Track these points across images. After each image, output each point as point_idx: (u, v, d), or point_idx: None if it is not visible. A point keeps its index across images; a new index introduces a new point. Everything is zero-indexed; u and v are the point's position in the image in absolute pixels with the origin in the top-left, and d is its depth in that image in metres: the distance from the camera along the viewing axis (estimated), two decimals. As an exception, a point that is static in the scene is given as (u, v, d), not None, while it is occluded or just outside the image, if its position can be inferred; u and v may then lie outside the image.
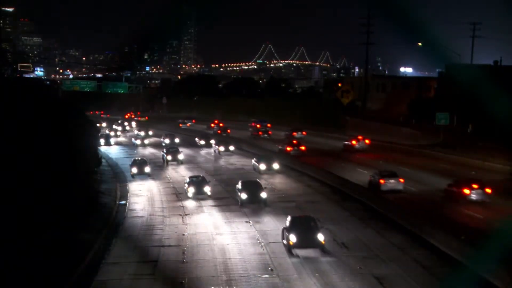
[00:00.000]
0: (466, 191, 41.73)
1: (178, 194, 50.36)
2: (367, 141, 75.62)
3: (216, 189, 50.84)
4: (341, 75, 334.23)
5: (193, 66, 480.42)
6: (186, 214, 42.45)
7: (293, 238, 31.05)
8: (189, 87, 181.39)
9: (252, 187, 44.28)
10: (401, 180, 47.29)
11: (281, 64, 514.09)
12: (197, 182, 48.64)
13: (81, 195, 42.97)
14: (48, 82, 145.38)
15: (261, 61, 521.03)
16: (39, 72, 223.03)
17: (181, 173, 61.50)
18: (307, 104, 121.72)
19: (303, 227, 31.65)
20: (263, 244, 33.87)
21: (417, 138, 76.95)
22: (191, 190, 47.90)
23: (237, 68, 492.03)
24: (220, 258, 31.36)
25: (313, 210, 39.99)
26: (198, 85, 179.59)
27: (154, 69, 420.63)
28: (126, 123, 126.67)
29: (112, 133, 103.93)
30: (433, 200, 44.36)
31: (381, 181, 46.84)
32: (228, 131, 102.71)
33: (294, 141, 75.47)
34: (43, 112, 42.03)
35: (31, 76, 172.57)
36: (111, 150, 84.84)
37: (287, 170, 60.31)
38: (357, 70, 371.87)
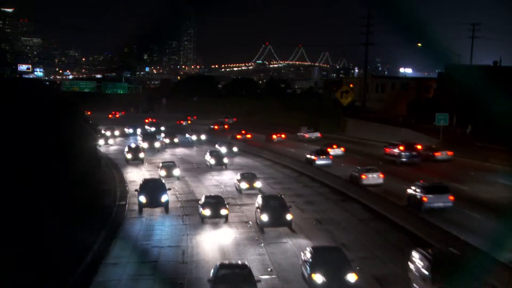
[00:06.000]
0: (364, 176, 51.73)
1: (177, 195, 50.36)
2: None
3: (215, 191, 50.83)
4: (341, 75, 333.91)
5: (192, 66, 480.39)
6: (186, 215, 42.46)
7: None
8: (188, 87, 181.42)
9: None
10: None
11: (280, 65, 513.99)
12: (214, 203, 40.04)
13: (81, 195, 43.01)
14: (47, 83, 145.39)
15: (260, 61, 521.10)
16: (38, 72, 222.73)
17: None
18: (306, 105, 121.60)
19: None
20: (262, 244, 33.92)
21: (416, 138, 76.78)
22: (206, 213, 39.50)
23: (237, 69, 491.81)
24: (220, 258, 31.33)
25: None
26: (197, 86, 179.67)
27: (154, 70, 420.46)
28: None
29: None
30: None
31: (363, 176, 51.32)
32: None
33: None
34: (42, 113, 42.06)
35: (31, 76, 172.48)
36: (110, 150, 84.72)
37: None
38: (356, 70, 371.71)
